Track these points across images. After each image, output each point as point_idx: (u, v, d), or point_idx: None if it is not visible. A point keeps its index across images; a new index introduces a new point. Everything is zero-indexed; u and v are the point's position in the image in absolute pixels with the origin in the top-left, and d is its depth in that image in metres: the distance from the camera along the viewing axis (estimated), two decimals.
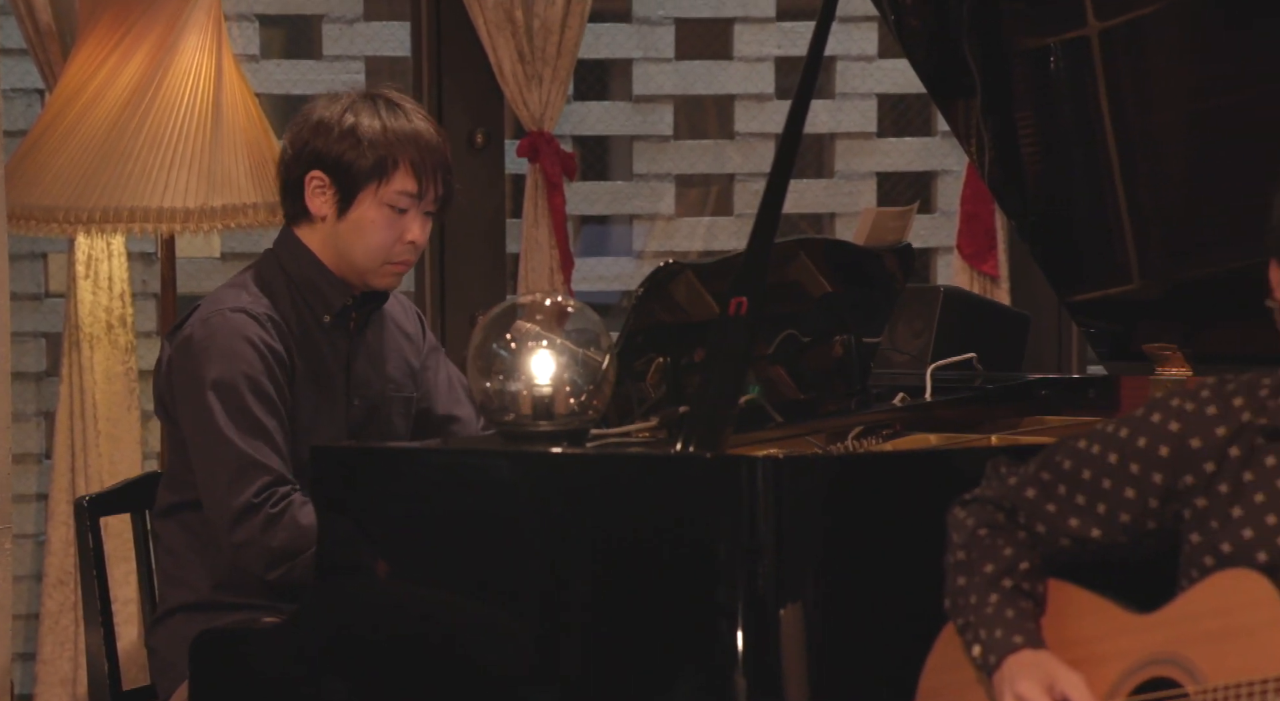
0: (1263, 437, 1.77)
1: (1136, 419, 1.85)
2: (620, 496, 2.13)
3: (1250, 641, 1.67)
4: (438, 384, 2.62)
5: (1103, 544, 1.87)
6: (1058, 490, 1.88)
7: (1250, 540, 1.74)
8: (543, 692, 2.14)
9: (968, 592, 1.88)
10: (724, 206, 4.35)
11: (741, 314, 2.16)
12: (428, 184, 2.45)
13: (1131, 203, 2.59)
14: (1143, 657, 1.76)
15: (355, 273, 2.48)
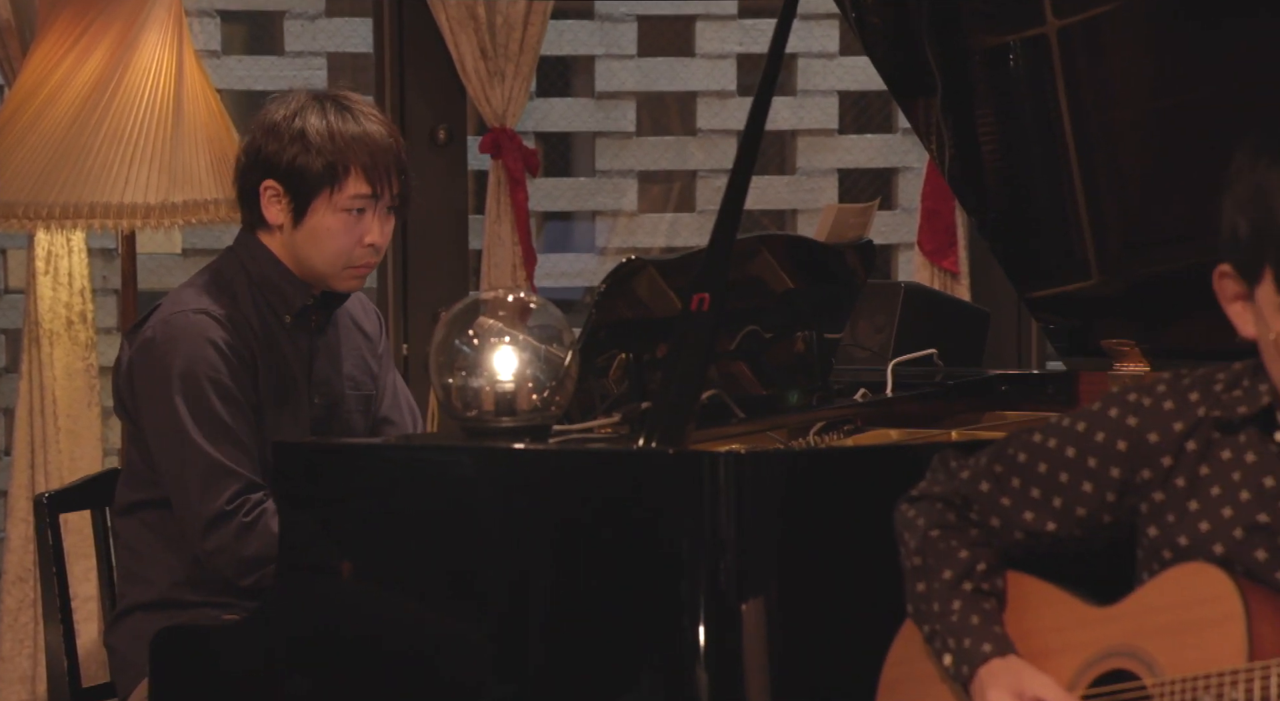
0: (1218, 431, 1.78)
1: (1093, 413, 1.86)
2: (583, 492, 2.14)
3: (1207, 635, 1.69)
4: (385, 386, 2.62)
5: (1058, 537, 1.87)
6: (1011, 483, 1.89)
7: (1207, 533, 1.75)
8: (505, 688, 2.14)
9: (930, 599, 1.89)
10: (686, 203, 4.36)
11: (704, 310, 2.16)
12: (382, 186, 2.43)
13: (1090, 199, 2.60)
14: (1101, 650, 1.77)
15: (316, 278, 2.47)
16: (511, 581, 2.15)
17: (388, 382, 2.62)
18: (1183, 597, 1.73)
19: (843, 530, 2.11)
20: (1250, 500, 1.74)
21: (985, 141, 2.69)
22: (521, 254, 3.88)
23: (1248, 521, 1.73)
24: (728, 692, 2.05)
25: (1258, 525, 1.73)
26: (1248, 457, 1.75)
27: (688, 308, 2.18)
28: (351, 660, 2.21)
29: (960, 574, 1.87)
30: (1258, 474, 1.74)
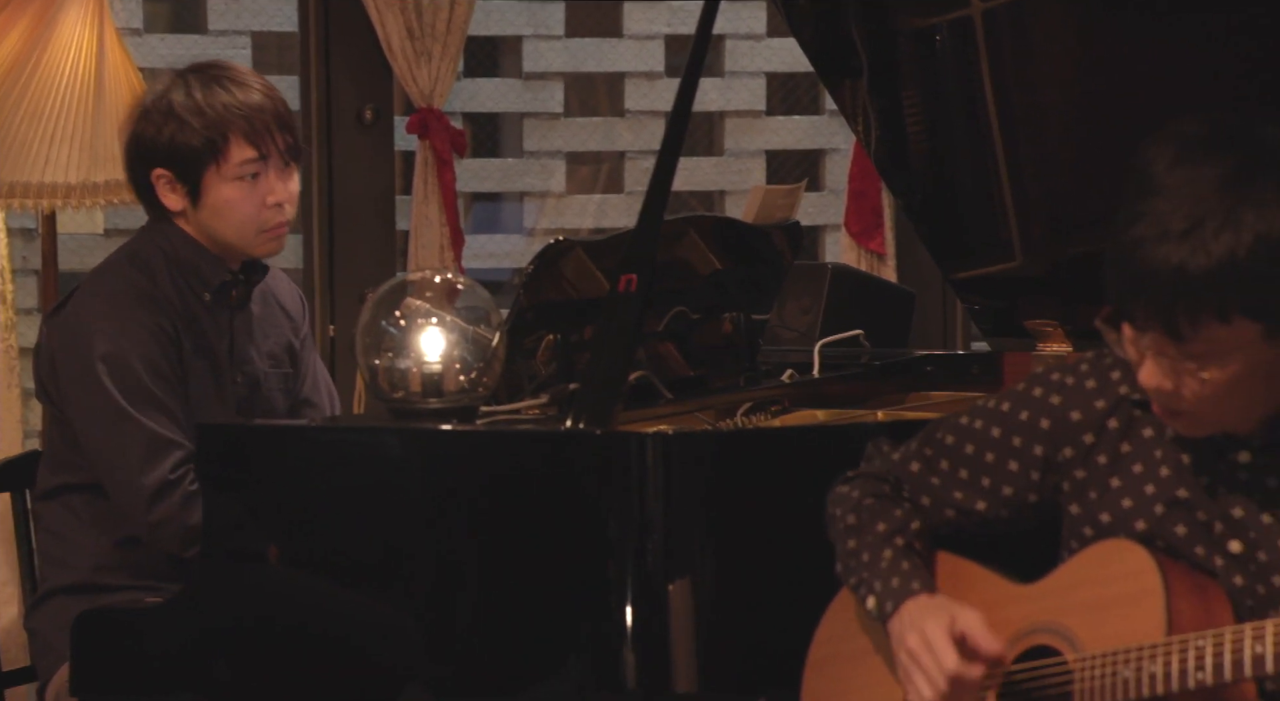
0: (1139, 410, 1.80)
1: (1017, 393, 1.88)
2: (510, 473, 2.13)
3: (1127, 610, 1.71)
4: (305, 368, 2.60)
5: (987, 516, 1.89)
6: (940, 465, 1.91)
7: (1129, 510, 1.78)
8: (432, 669, 2.14)
9: (859, 553, 1.89)
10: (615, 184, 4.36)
11: (631, 291, 2.16)
12: (267, 146, 2.41)
13: (1014, 181, 2.62)
14: (1025, 627, 1.79)
15: (235, 251, 2.45)
16: (439, 563, 2.14)
17: (309, 365, 2.61)
18: (1104, 574, 1.75)
19: (770, 510, 2.12)
20: (1170, 476, 1.76)
21: (911, 123, 2.70)
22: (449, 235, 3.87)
23: (1168, 497, 1.76)
24: (655, 673, 2.05)
25: (1178, 500, 1.75)
26: (1168, 434, 1.78)
27: (615, 289, 2.18)
28: (278, 643, 2.20)
29: (893, 529, 1.89)
30: (1178, 450, 1.77)
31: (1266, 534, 1.71)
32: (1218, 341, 1.63)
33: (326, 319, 3.88)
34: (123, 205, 3.20)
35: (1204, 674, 1.63)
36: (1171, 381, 1.66)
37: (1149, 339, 1.66)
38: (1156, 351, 1.66)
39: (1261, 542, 1.71)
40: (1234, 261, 1.60)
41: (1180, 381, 1.66)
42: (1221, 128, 1.67)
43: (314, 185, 3.85)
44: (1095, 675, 1.70)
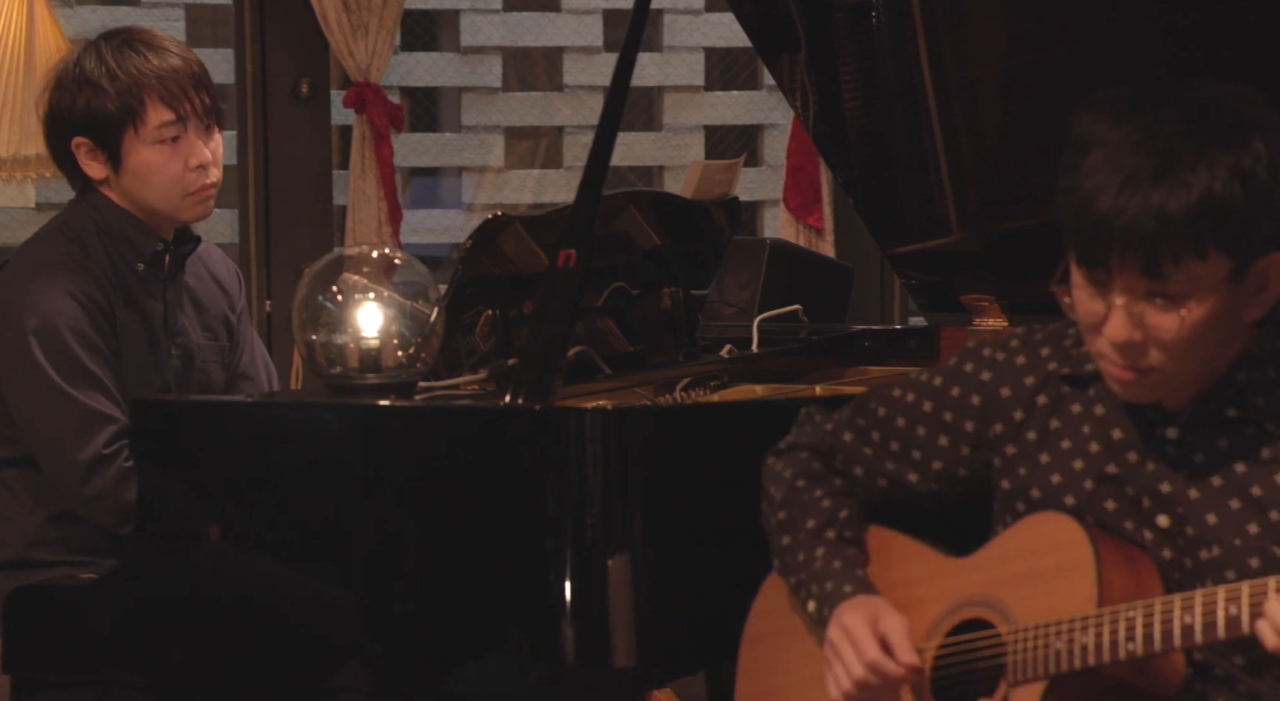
0: (1068, 385, 1.81)
1: (950, 368, 1.89)
2: (449, 449, 2.13)
3: (1058, 582, 1.72)
4: (241, 342, 2.59)
5: (917, 489, 1.91)
6: (873, 435, 1.92)
7: (1058, 485, 1.79)
8: (370, 645, 2.14)
9: (794, 550, 1.91)
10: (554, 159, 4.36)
11: (570, 266, 2.16)
12: (185, 107, 2.38)
13: (950, 156, 2.64)
14: (959, 599, 1.81)
15: (162, 217, 2.43)
16: (377, 539, 2.14)
17: (247, 340, 2.59)
18: (1035, 546, 1.77)
19: (709, 485, 2.12)
20: (1100, 452, 1.78)
21: (848, 98, 2.71)
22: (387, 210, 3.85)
23: (1097, 472, 1.77)
24: (593, 647, 2.06)
25: (1107, 476, 1.77)
26: (1096, 410, 1.79)
27: (554, 264, 2.17)
28: (215, 619, 2.19)
29: (823, 522, 1.89)
30: (1107, 426, 1.78)
31: (1194, 508, 1.72)
32: (1195, 280, 1.64)
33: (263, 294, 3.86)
34: (55, 179, 3.16)
35: (1134, 644, 1.65)
36: (1141, 331, 1.67)
37: (1120, 287, 1.66)
38: (1129, 300, 1.66)
39: (1189, 517, 1.73)
40: (1211, 196, 1.62)
41: (1150, 330, 1.66)
42: (1150, 87, 1.70)
43: (250, 159, 3.82)
44: (1028, 647, 1.72)
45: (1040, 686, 1.70)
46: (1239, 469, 1.71)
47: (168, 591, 2.22)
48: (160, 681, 2.22)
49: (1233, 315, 1.69)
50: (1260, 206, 1.64)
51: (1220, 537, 1.71)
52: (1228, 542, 1.70)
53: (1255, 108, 1.68)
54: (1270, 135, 1.66)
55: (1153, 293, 1.66)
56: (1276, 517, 1.69)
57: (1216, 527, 1.71)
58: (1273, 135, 1.66)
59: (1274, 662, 1.69)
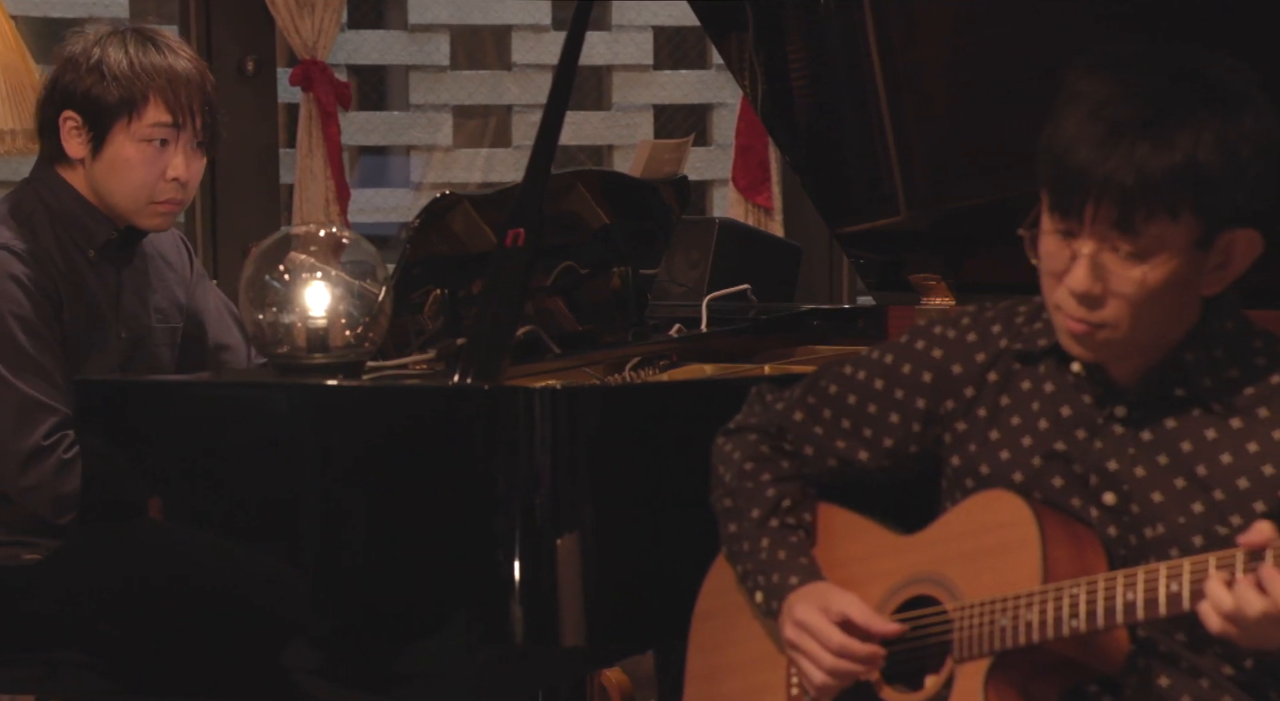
0: (1018, 362, 1.82)
1: (900, 346, 1.90)
2: (397, 429, 2.12)
3: (1004, 559, 1.73)
4: (208, 311, 2.57)
5: (868, 467, 1.91)
6: (823, 414, 1.92)
7: (1007, 461, 1.80)
8: (319, 624, 2.13)
9: (740, 539, 1.91)
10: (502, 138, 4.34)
11: (519, 245, 2.15)
12: (184, 117, 2.38)
13: (898, 135, 2.64)
14: (906, 577, 1.81)
15: (119, 213, 2.41)
16: (326, 519, 2.13)
17: (209, 307, 2.58)
18: (982, 524, 1.78)
19: (659, 465, 2.12)
20: (1048, 429, 1.79)
21: (796, 77, 2.71)
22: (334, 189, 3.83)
23: (1046, 450, 1.79)
24: (542, 627, 2.06)
25: (1055, 453, 1.78)
26: (1046, 388, 1.80)
27: (503, 243, 2.16)
28: (161, 599, 2.18)
29: (767, 511, 1.89)
30: (1056, 403, 1.79)
31: (1139, 486, 1.74)
32: (1163, 239, 1.65)
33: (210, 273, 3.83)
34: (4, 156, 3.13)
35: (1078, 621, 1.66)
36: (1101, 285, 1.67)
37: (1089, 236, 1.66)
38: (1095, 249, 1.66)
39: (1135, 495, 1.74)
40: (1194, 160, 1.63)
41: (1111, 283, 1.67)
42: (1148, 46, 1.70)
43: None
44: (974, 623, 1.73)
45: (986, 662, 1.71)
46: (1185, 448, 1.73)
47: (114, 571, 2.20)
48: (108, 661, 2.20)
49: (1190, 284, 1.70)
50: (1238, 179, 1.65)
51: (1165, 516, 1.72)
52: (1172, 521, 1.72)
53: (1247, 82, 1.68)
54: (1258, 111, 1.67)
55: (1119, 247, 1.66)
56: (1220, 497, 1.70)
57: (1161, 506, 1.73)
58: (1261, 112, 1.67)
59: (1215, 640, 1.69)
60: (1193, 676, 1.73)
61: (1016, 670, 1.72)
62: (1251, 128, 1.65)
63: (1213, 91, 1.65)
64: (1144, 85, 1.65)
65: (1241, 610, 1.56)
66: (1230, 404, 1.72)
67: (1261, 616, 1.56)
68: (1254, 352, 1.74)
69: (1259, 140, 1.65)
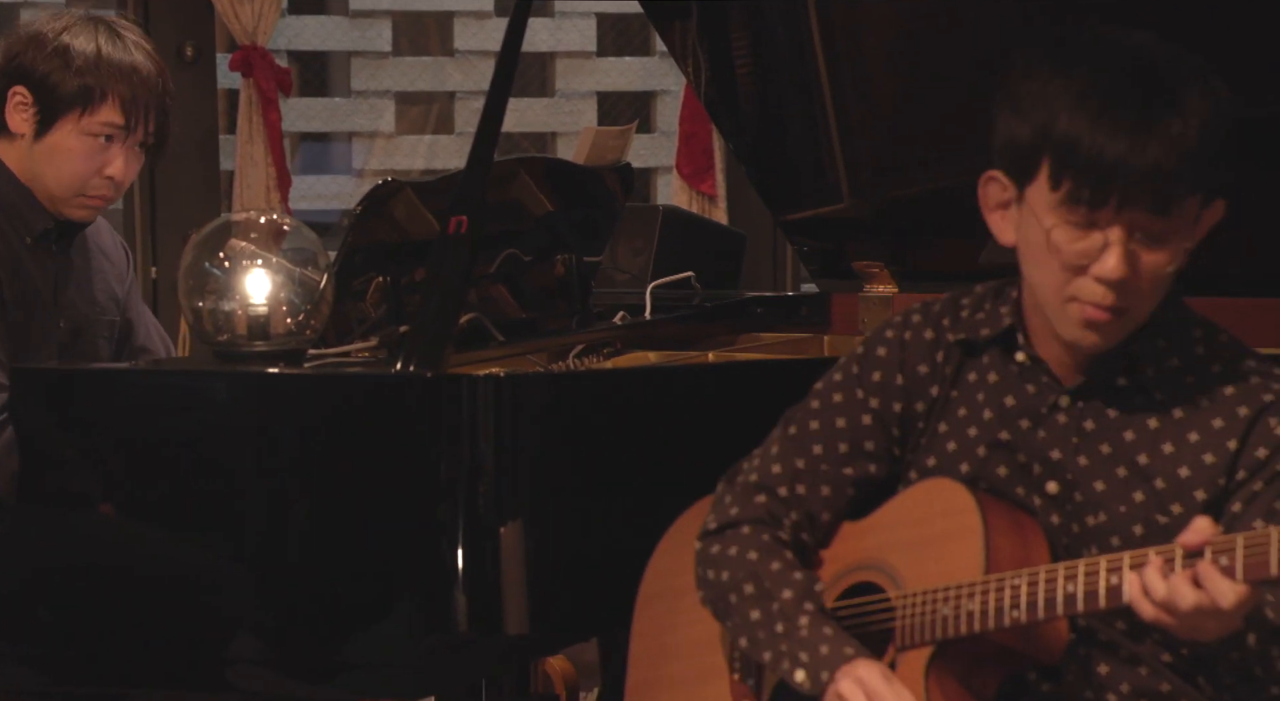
0: (961, 353, 1.82)
1: (863, 356, 1.86)
2: (339, 417, 2.11)
3: (947, 548, 1.74)
4: (136, 319, 2.56)
5: (858, 479, 1.85)
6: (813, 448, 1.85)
7: (953, 453, 1.80)
8: (262, 613, 2.12)
9: (770, 623, 1.78)
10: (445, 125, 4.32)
11: (462, 232, 2.14)
12: (137, 120, 2.37)
13: (841, 124, 2.65)
14: (851, 563, 1.81)
15: (48, 199, 2.39)
16: (268, 507, 2.12)
17: (138, 313, 2.56)
18: (926, 512, 1.78)
19: (603, 453, 2.12)
20: (993, 419, 1.79)
21: (740, 65, 2.71)
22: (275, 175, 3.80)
23: (990, 439, 1.79)
24: (485, 615, 2.05)
25: (999, 442, 1.78)
26: (990, 378, 1.80)
27: (445, 230, 2.15)
28: (100, 589, 2.16)
29: (800, 594, 1.79)
30: (1000, 393, 1.79)
31: (1082, 475, 1.74)
32: (1184, 217, 1.66)
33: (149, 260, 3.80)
34: None
35: (1019, 612, 1.67)
36: (1132, 267, 1.66)
37: (1117, 223, 1.65)
38: (1126, 236, 1.65)
39: (1077, 483, 1.74)
40: (1206, 133, 1.63)
41: (1142, 267, 1.66)
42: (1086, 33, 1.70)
43: None
44: (915, 612, 1.73)
45: (927, 651, 1.72)
46: (1127, 437, 1.73)
47: (52, 561, 2.18)
48: (44, 653, 2.18)
49: None
50: (1221, 151, 1.65)
51: (1106, 504, 1.73)
52: (1113, 510, 1.73)
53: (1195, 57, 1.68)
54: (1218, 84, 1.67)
55: (1150, 230, 1.65)
56: (1161, 486, 1.71)
57: (1103, 495, 1.73)
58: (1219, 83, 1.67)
59: (1154, 628, 1.70)
60: (1131, 664, 1.74)
61: (958, 659, 1.72)
62: (1226, 98, 1.66)
63: (1189, 66, 1.66)
64: (1132, 61, 1.65)
65: (1174, 601, 1.57)
66: (1172, 393, 1.73)
67: (1194, 609, 1.57)
68: (1194, 342, 1.75)
69: (1228, 113, 1.66)
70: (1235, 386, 1.72)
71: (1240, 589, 1.55)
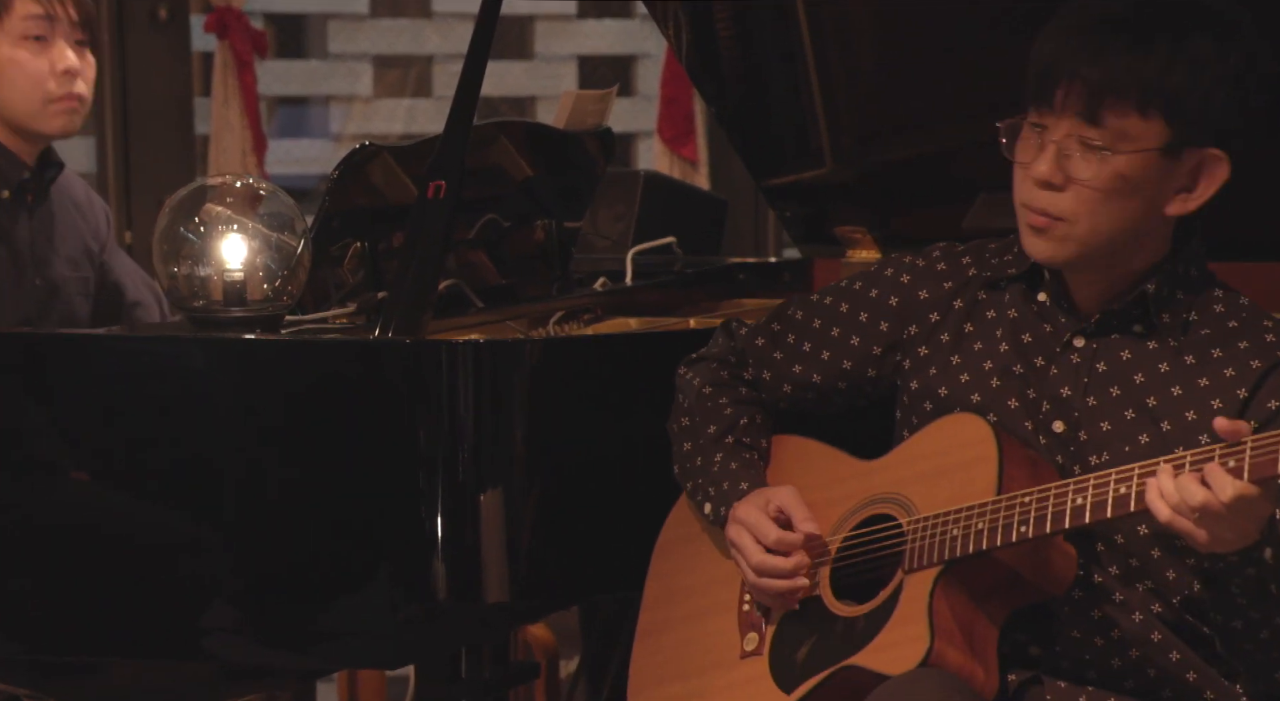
0: (984, 291, 1.86)
1: (870, 273, 1.93)
2: (317, 384, 2.09)
3: (961, 476, 1.75)
4: (121, 274, 2.53)
5: (821, 390, 1.93)
6: (787, 338, 1.95)
7: (966, 383, 1.82)
8: (240, 582, 2.10)
9: (694, 456, 1.93)
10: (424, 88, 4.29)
11: (440, 197, 2.12)
12: (55, 8, 2.34)
13: (824, 88, 2.63)
14: (866, 498, 1.83)
15: (23, 126, 2.36)
16: (245, 476, 2.10)
17: (122, 267, 2.54)
18: (943, 445, 1.80)
19: (583, 419, 2.11)
20: (1009, 351, 1.82)
21: (722, 29, 2.69)
22: (251, 139, 3.77)
23: (1003, 370, 1.81)
24: (465, 583, 2.05)
25: (1013, 374, 1.81)
26: (1010, 313, 1.83)
27: (424, 195, 2.14)
28: (72, 558, 2.14)
29: (723, 429, 1.92)
30: (1018, 330, 1.82)
31: (1089, 415, 1.76)
32: (1128, 136, 1.69)
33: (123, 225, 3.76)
34: None
35: (1026, 527, 1.68)
36: (1063, 175, 1.71)
37: (1058, 128, 1.70)
38: (1062, 139, 1.70)
39: (1083, 423, 1.77)
40: (1173, 63, 1.67)
41: (1073, 174, 1.70)
42: None
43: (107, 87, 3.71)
44: (925, 534, 1.75)
45: (934, 571, 1.73)
46: (1137, 380, 1.76)
47: (25, 530, 2.16)
48: (16, 620, 2.16)
49: (1154, 197, 1.73)
50: (1216, 96, 1.69)
51: (1111, 444, 1.75)
52: (1117, 449, 1.75)
53: (1242, 15, 1.72)
54: (1245, 43, 1.71)
55: (1087, 137, 1.69)
56: (1167, 428, 1.74)
57: (1109, 434, 1.76)
58: (1247, 43, 1.71)
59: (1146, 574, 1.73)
60: (1125, 611, 1.75)
61: (966, 583, 1.73)
62: (1236, 51, 1.69)
63: (1205, 14, 1.70)
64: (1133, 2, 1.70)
65: (1183, 498, 1.58)
66: (1187, 341, 1.76)
67: (1202, 506, 1.58)
68: (1213, 301, 1.78)
69: (1242, 63, 1.69)
70: (1251, 341, 1.75)
71: (1240, 485, 1.56)
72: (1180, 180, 1.72)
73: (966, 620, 1.71)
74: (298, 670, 2.34)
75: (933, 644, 1.67)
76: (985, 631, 1.72)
